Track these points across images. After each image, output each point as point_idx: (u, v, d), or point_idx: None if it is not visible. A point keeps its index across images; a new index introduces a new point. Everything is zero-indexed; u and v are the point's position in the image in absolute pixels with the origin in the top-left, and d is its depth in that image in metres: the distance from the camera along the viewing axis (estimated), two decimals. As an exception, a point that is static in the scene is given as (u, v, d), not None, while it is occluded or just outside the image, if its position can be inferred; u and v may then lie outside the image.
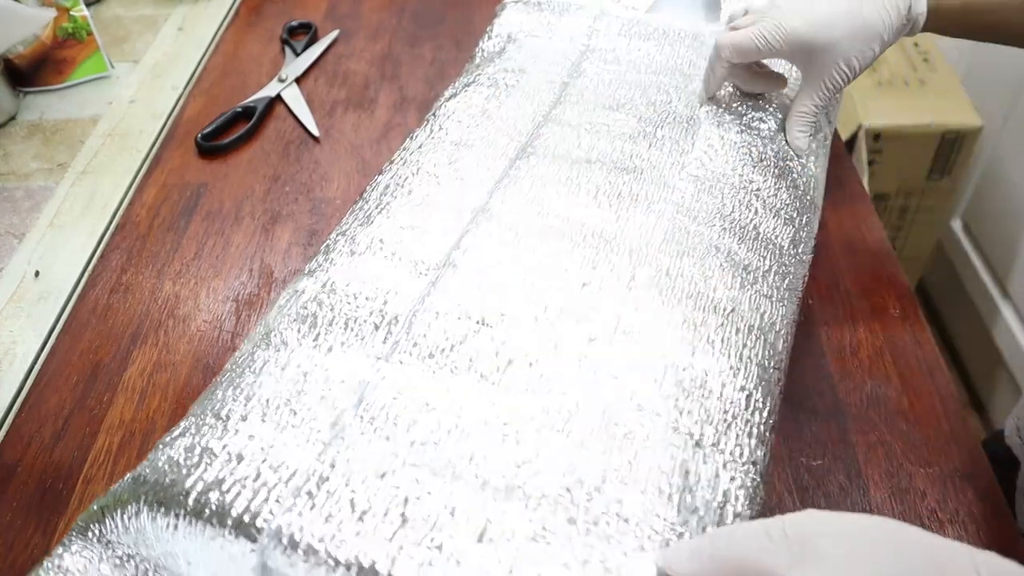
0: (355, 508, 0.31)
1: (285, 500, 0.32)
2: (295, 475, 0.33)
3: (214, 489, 0.32)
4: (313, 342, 0.39)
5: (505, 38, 0.64)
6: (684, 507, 0.33)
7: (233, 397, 0.37)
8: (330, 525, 0.31)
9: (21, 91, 0.80)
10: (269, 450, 0.34)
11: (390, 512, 0.31)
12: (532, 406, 0.35)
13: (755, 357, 0.40)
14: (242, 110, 0.76)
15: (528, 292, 0.40)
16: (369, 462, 0.33)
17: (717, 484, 0.34)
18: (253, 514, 0.31)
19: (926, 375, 0.53)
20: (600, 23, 0.63)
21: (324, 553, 0.30)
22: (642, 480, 0.33)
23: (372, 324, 0.39)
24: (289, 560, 0.31)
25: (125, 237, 0.65)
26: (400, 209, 0.47)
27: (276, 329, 0.40)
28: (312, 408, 0.36)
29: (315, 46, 0.86)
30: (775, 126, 0.53)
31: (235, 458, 0.34)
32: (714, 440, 0.36)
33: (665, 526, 0.32)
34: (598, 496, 0.32)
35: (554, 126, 0.52)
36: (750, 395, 0.38)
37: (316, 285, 0.42)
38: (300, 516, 0.31)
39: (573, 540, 0.31)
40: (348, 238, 0.45)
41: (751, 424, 0.37)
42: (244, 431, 0.35)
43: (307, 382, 0.37)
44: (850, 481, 0.47)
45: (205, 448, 0.34)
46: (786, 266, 0.46)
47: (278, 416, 0.35)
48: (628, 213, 0.45)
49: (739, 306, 0.41)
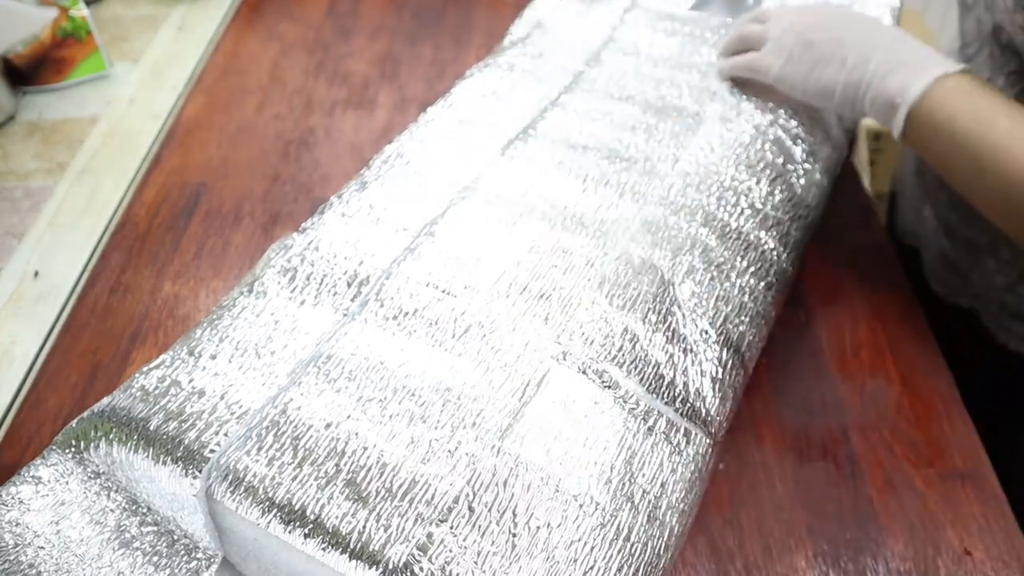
0: (296, 454, 0.33)
1: (233, 437, 0.34)
2: (246, 414, 0.35)
3: (173, 419, 0.35)
4: (290, 294, 0.41)
5: (534, 23, 0.65)
6: (621, 493, 0.34)
7: (208, 337, 0.39)
8: (271, 467, 0.33)
9: (20, 90, 0.80)
10: (229, 388, 0.36)
11: (327, 462, 0.33)
12: (478, 375, 0.36)
13: (711, 353, 0.41)
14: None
15: (496, 268, 0.41)
16: (317, 412, 0.35)
17: (659, 473, 0.35)
18: (203, 444, 0.34)
19: (926, 375, 0.53)
20: (629, 15, 0.63)
21: (262, 492, 0.32)
22: (584, 460, 0.34)
23: (345, 282, 0.41)
24: (231, 493, 0.32)
25: (125, 237, 0.65)
26: (395, 178, 0.48)
27: (260, 278, 0.42)
28: (275, 354, 0.38)
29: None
30: (782, 132, 0.53)
31: (197, 392, 0.36)
32: (665, 429, 0.37)
33: (597, 510, 0.33)
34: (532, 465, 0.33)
35: (559, 111, 0.53)
36: (698, 390, 0.39)
37: (304, 241, 0.44)
38: (247, 455, 0.33)
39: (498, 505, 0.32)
40: (343, 201, 0.47)
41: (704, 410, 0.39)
42: (211, 369, 0.37)
43: (276, 330, 0.39)
44: (850, 481, 0.47)
45: (174, 380, 0.37)
46: (766, 268, 0.46)
47: (244, 359, 0.37)
48: (612, 200, 0.46)
49: (703, 301, 0.42)
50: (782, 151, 0.52)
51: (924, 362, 0.54)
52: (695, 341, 0.40)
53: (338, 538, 0.31)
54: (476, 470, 0.32)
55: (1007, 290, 0.58)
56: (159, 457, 0.34)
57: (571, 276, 0.41)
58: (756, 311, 0.45)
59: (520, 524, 0.31)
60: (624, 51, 0.59)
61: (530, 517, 0.32)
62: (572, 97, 0.54)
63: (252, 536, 0.33)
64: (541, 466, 0.33)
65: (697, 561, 0.43)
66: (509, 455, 0.33)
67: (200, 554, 0.35)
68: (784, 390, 0.52)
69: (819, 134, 0.55)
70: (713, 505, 0.46)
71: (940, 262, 0.65)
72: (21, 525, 0.35)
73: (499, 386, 0.36)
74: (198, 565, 0.35)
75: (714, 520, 0.45)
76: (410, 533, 0.31)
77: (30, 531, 0.35)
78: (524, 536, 0.31)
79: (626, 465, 0.35)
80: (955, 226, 0.61)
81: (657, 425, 0.37)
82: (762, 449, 0.49)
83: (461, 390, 0.36)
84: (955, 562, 0.43)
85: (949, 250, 0.63)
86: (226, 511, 0.33)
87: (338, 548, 0.31)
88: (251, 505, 0.32)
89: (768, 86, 0.53)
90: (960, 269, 0.63)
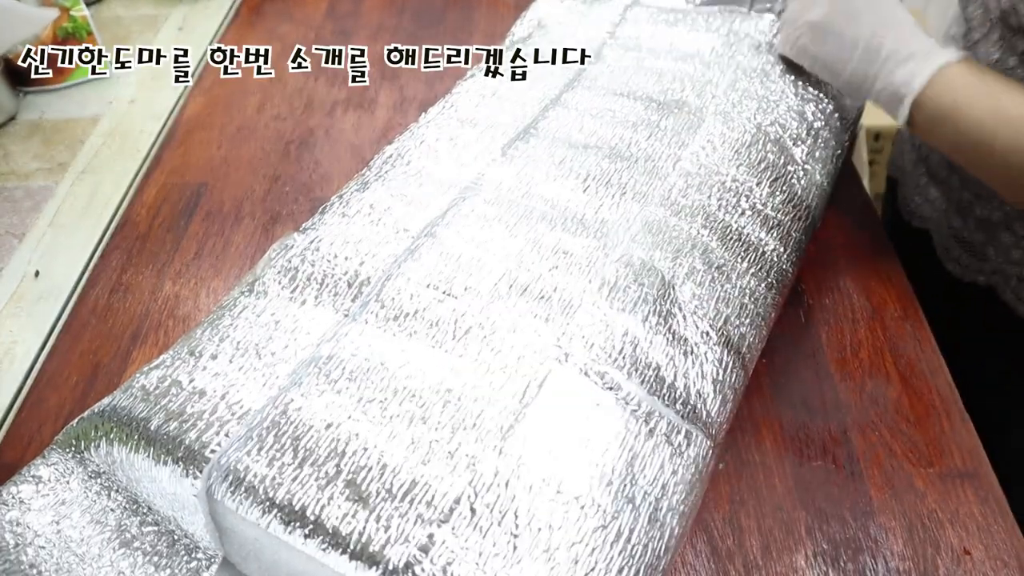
0: (297, 454, 0.33)
1: (234, 437, 0.34)
2: (247, 415, 0.34)
3: (174, 419, 0.35)
4: (291, 294, 0.41)
5: (535, 24, 0.65)
6: (622, 494, 0.34)
7: (209, 337, 0.39)
8: (272, 467, 0.33)
9: (21, 91, 0.80)
10: (229, 388, 0.36)
11: (327, 462, 0.33)
12: (479, 376, 0.36)
13: (712, 355, 0.41)
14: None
15: (497, 269, 0.41)
16: (318, 412, 0.35)
17: (661, 474, 0.35)
18: (203, 444, 0.33)
19: (926, 375, 0.53)
20: (630, 12, 0.63)
21: (262, 492, 0.32)
22: (585, 461, 0.34)
23: (346, 283, 0.41)
24: (231, 493, 0.32)
25: (125, 237, 0.65)
26: (396, 178, 0.48)
27: (261, 278, 0.42)
28: (276, 354, 0.37)
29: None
30: (783, 132, 0.53)
31: (198, 392, 0.36)
32: (666, 430, 0.37)
33: (598, 512, 0.33)
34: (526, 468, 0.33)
35: (561, 110, 0.53)
36: (699, 392, 0.39)
37: (305, 241, 0.44)
38: (247, 455, 0.33)
39: (499, 507, 0.32)
40: (343, 201, 0.47)
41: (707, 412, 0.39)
42: (211, 369, 0.37)
43: (277, 330, 0.39)
44: (850, 481, 0.47)
45: (174, 380, 0.37)
46: (766, 270, 0.46)
47: (244, 359, 0.37)
48: (613, 201, 0.46)
49: (703, 303, 0.42)
50: (783, 152, 0.52)
51: (924, 362, 0.54)
52: (696, 343, 0.40)
53: (338, 539, 0.31)
54: (477, 471, 0.32)
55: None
56: (159, 457, 0.34)
57: (572, 277, 0.41)
58: (757, 312, 0.45)
59: (522, 525, 0.31)
60: (626, 46, 0.59)
61: (532, 518, 0.32)
62: (574, 95, 0.54)
63: (252, 536, 0.33)
64: (543, 467, 0.33)
65: (697, 561, 0.43)
66: (511, 456, 0.33)
67: (200, 554, 0.35)
68: (784, 390, 0.52)
69: (819, 134, 0.55)
70: (713, 505, 0.46)
71: (953, 241, 0.65)
72: (22, 524, 0.36)
73: (500, 387, 0.36)
74: (198, 565, 0.35)
75: (714, 520, 0.45)
76: (410, 534, 0.31)
77: (30, 530, 0.35)
78: (526, 537, 0.31)
79: (627, 467, 0.35)
80: (967, 205, 0.62)
81: (658, 427, 0.37)
82: (762, 449, 0.49)
83: (462, 391, 0.35)
84: (954, 562, 0.43)
85: (962, 229, 0.63)
86: (226, 511, 0.33)
87: (338, 548, 0.31)
88: (251, 505, 0.32)
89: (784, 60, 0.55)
90: (975, 247, 0.63)
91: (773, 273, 0.47)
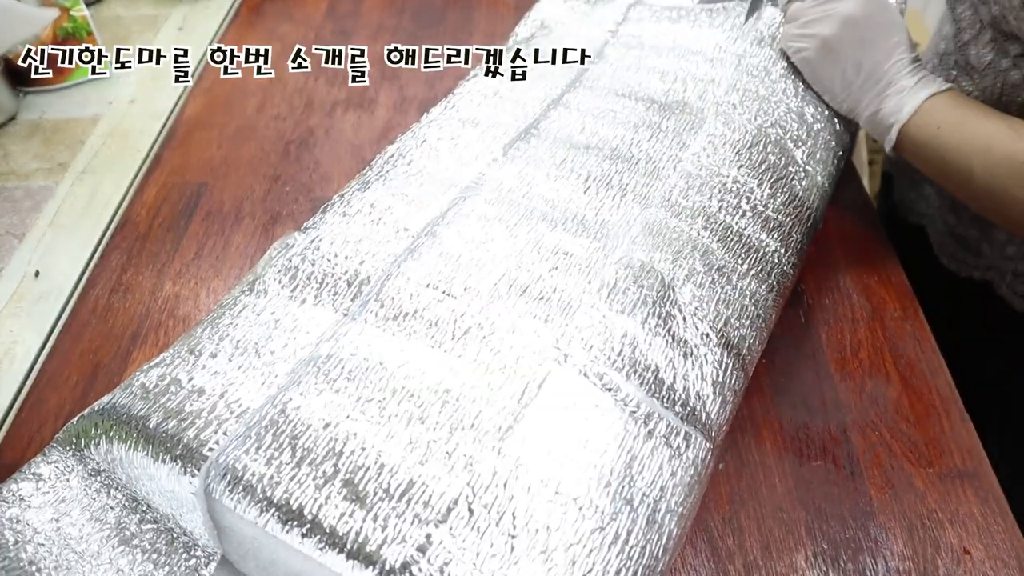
0: (295, 453, 0.33)
1: (232, 436, 0.34)
2: (245, 413, 0.34)
3: (173, 417, 0.35)
4: (291, 293, 0.41)
5: (538, 24, 0.65)
6: (620, 496, 0.34)
7: (208, 335, 0.39)
8: (270, 466, 0.33)
9: (21, 91, 0.80)
10: (229, 387, 0.36)
11: (325, 462, 0.33)
12: (477, 377, 0.36)
13: (712, 357, 0.41)
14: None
15: (497, 270, 0.41)
16: (316, 411, 0.35)
17: (660, 476, 0.35)
18: (201, 443, 0.34)
19: (926, 375, 0.53)
20: (633, 11, 0.63)
21: (260, 491, 0.32)
22: (583, 463, 0.34)
23: (346, 282, 0.41)
24: (229, 492, 0.32)
25: (125, 237, 0.65)
26: (397, 178, 0.48)
27: (261, 277, 0.42)
28: (276, 353, 0.37)
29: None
30: (783, 133, 0.53)
31: (197, 391, 0.36)
32: (665, 432, 0.37)
33: (596, 513, 0.33)
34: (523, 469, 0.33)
35: (562, 110, 0.53)
36: (698, 393, 0.39)
37: (305, 240, 0.44)
38: (245, 454, 0.33)
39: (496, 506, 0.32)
40: (344, 200, 0.47)
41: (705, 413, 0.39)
42: (211, 367, 0.37)
43: (276, 329, 0.39)
44: (850, 481, 0.47)
45: (174, 379, 0.37)
46: (766, 272, 0.46)
47: (244, 357, 0.37)
48: (613, 202, 0.46)
49: (703, 305, 0.42)
50: (783, 153, 0.52)
51: (924, 362, 0.54)
52: (696, 345, 0.40)
53: (335, 538, 0.31)
54: (475, 472, 0.32)
55: (1020, 258, 0.59)
56: (158, 455, 0.34)
57: (572, 278, 0.41)
58: (757, 314, 0.44)
59: (519, 526, 0.31)
60: (628, 45, 0.59)
61: (529, 519, 0.32)
62: (575, 95, 0.54)
63: (250, 535, 0.33)
64: (541, 468, 0.33)
65: (697, 561, 0.43)
66: (509, 457, 0.33)
67: (199, 552, 0.35)
68: (784, 390, 0.52)
69: (820, 136, 0.55)
70: (713, 505, 0.46)
71: (949, 237, 0.66)
72: (21, 522, 0.36)
73: (498, 388, 0.36)
74: (197, 563, 0.35)
75: (714, 520, 0.45)
76: (408, 534, 0.31)
77: (30, 528, 0.35)
78: (523, 538, 0.31)
79: (626, 468, 0.34)
80: (961, 202, 0.62)
81: (657, 428, 0.37)
82: (762, 449, 0.49)
83: (460, 391, 0.35)
84: (954, 562, 0.43)
85: (957, 225, 0.64)
86: (224, 509, 0.33)
87: (335, 548, 0.31)
88: (249, 504, 0.32)
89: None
90: (970, 242, 0.63)
91: (774, 275, 0.47)
